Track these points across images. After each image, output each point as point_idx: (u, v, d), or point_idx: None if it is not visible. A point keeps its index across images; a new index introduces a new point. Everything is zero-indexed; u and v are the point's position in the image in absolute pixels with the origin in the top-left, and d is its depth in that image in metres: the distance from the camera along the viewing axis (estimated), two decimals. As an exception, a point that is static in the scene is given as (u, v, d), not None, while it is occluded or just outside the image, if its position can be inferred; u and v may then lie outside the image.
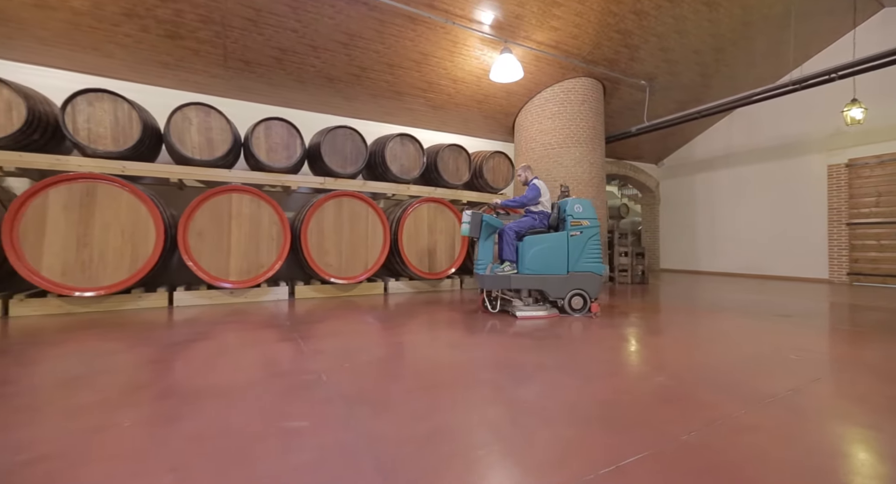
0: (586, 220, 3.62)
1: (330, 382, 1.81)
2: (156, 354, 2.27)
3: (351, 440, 1.27)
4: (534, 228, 3.70)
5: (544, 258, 3.51)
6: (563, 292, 3.51)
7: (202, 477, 1.07)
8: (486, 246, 3.61)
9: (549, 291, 3.50)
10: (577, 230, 3.58)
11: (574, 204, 3.63)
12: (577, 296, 3.54)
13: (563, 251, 3.54)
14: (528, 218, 3.75)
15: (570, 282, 3.51)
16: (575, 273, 3.54)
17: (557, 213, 3.78)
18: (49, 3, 3.75)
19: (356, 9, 4.51)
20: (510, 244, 3.59)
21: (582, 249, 3.58)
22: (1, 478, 1.07)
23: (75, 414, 1.47)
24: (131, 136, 3.69)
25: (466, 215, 3.57)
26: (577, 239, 3.57)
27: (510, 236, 3.61)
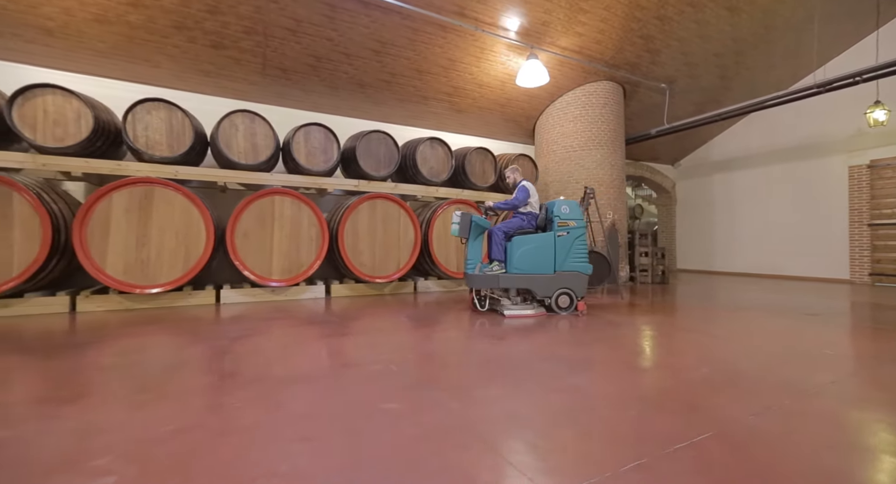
0: (573, 221, 3.70)
1: (400, 372, 1.98)
2: (226, 346, 2.46)
3: (445, 419, 1.43)
4: (522, 229, 3.78)
5: (532, 258, 3.58)
6: (550, 291, 3.57)
7: (334, 444, 1.24)
8: (475, 246, 3.69)
9: (536, 289, 3.57)
10: (564, 231, 3.66)
11: (561, 205, 3.71)
12: (563, 295, 3.60)
13: (550, 251, 3.62)
14: (516, 219, 3.82)
15: (557, 281, 3.59)
16: (562, 272, 3.61)
17: (545, 215, 3.85)
18: (108, 18, 3.99)
19: (390, 18, 4.69)
20: (499, 244, 3.66)
21: (569, 249, 3.65)
22: (159, 444, 1.25)
23: (188, 394, 1.65)
24: (184, 143, 3.91)
25: (456, 216, 3.64)
26: (563, 239, 3.65)
27: (499, 237, 3.68)
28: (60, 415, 1.46)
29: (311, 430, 1.35)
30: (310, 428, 1.36)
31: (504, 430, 1.35)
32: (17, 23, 3.85)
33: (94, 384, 1.79)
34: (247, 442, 1.26)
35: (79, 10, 3.87)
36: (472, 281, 3.55)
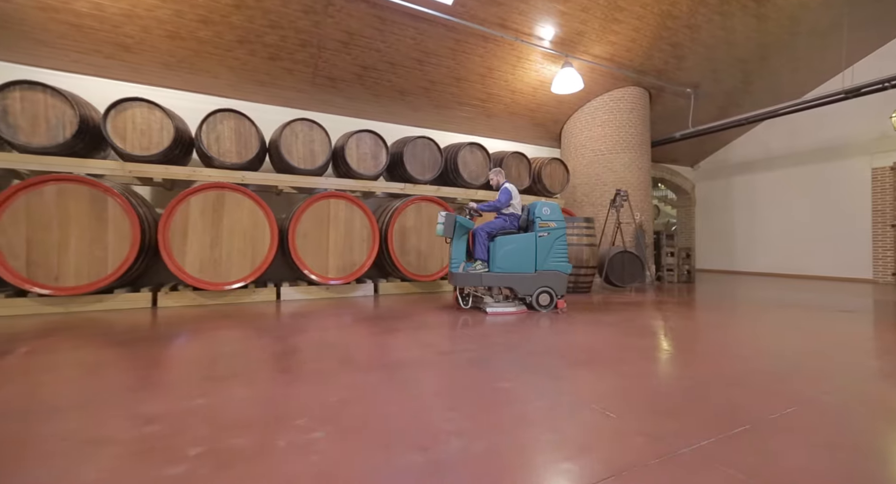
0: (553, 222, 3.82)
1: (494, 359, 2.22)
2: (321, 337, 2.72)
3: (556, 394, 1.67)
4: (504, 230, 3.89)
5: (514, 257, 3.70)
6: (531, 290, 3.70)
7: (476, 413, 1.49)
8: (459, 246, 3.78)
9: (518, 288, 3.69)
10: (545, 231, 3.78)
11: (542, 207, 3.85)
12: (544, 293, 3.72)
13: (531, 251, 3.74)
14: (499, 220, 3.93)
15: (538, 280, 3.71)
16: (542, 271, 3.73)
17: (527, 216, 3.97)
18: (181, 34, 4.28)
19: (436, 30, 4.95)
20: (482, 244, 3.78)
21: (549, 249, 3.78)
22: (336, 410, 1.50)
23: (323, 376, 1.91)
24: (251, 150, 4.19)
25: (441, 217, 3.73)
26: (544, 240, 3.77)
27: (482, 237, 3.80)
28: (231, 389, 1.72)
29: (451, 402, 1.59)
30: (447, 401, 1.61)
31: (613, 404, 1.59)
32: (100, 41, 4.16)
33: (233, 367, 2.05)
34: (405, 410, 1.51)
35: (155, 27, 4.17)
36: (456, 279, 3.67)
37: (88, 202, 3.49)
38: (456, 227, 3.74)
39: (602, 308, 4.01)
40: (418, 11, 4.62)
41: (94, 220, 3.51)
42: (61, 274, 3.41)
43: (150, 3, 3.95)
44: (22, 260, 3.29)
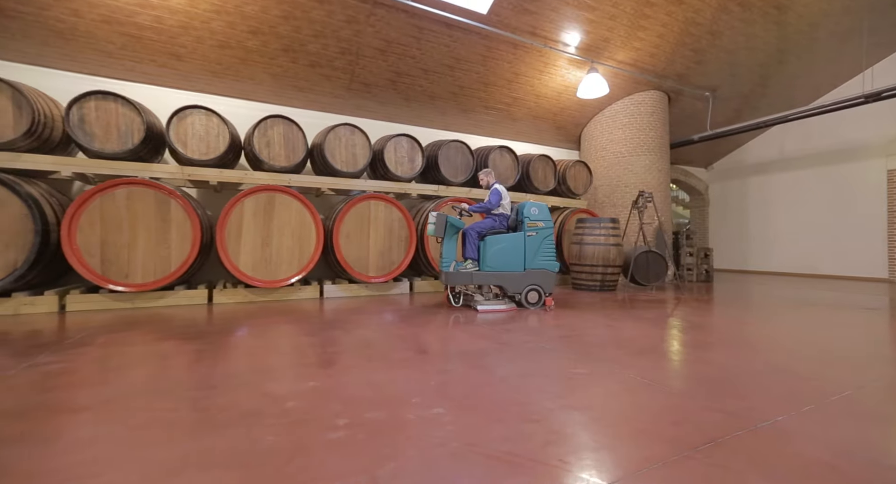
0: (541, 222, 3.92)
1: (556, 349, 2.42)
2: (384, 331, 2.92)
3: (632, 379, 1.87)
4: (494, 229, 3.98)
5: (503, 256, 3.79)
6: (520, 288, 3.80)
7: (567, 393, 1.68)
8: (450, 245, 3.86)
9: (507, 286, 3.79)
10: (534, 231, 3.88)
11: (531, 207, 3.93)
12: (532, 291, 3.83)
13: (520, 250, 3.84)
14: (489, 220, 4.03)
15: (526, 278, 3.82)
16: (531, 270, 3.84)
17: (516, 216, 4.06)
18: (230, 43, 4.50)
19: (469, 37, 5.14)
20: (473, 243, 3.86)
21: (537, 248, 3.88)
22: (437, 393, 1.70)
23: (410, 363, 2.11)
24: (298, 154, 4.41)
25: (432, 217, 3.79)
26: (533, 239, 3.87)
27: (473, 236, 3.88)
28: (334, 375, 1.93)
29: (540, 384, 1.79)
30: (537, 383, 1.81)
31: (680, 385, 1.78)
32: (156, 51, 4.38)
33: (322, 356, 2.26)
34: (502, 391, 1.71)
35: (208, 38, 4.39)
36: (448, 278, 3.75)
37: (154, 204, 3.72)
38: (447, 226, 3.81)
39: (635, 305, 4.19)
40: (454, 20, 4.82)
41: (159, 222, 3.74)
42: (130, 272, 3.64)
43: (205, 15, 4.17)
44: (97, 258, 3.51)
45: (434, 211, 3.79)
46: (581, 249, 5.49)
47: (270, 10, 4.27)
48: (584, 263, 5.45)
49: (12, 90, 3.28)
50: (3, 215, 3.20)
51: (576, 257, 5.58)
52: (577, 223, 5.72)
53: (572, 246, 5.70)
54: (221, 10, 4.17)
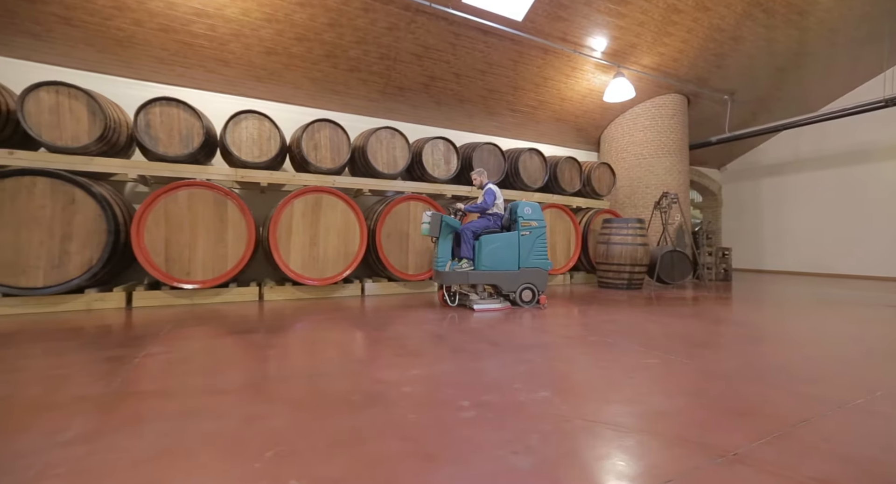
0: (534, 221, 3.97)
1: (617, 343, 2.58)
2: (448, 324, 3.09)
3: (704, 368, 2.04)
4: (488, 229, 4.02)
5: (498, 256, 3.84)
6: (514, 286, 3.86)
7: (653, 380, 1.85)
8: (445, 245, 3.85)
9: (502, 285, 3.84)
10: (527, 230, 3.93)
11: (524, 207, 3.99)
12: (527, 289, 3.88)
13: (514, 249, 3.90)
14: (483, 219, 4.05)
15: (520, 277, 3.87)
16: (525, 269, 3.90)
17: (509, 215, 4.12)
18: (276, 50, 4.67)
19: (503, 43, 5.30)
20: (468, 243, 3.86)
21: (531, 247, 3.93)
22: (532, 378, 1.87)
23: (487, 354, 2.28)
24: (342, 156, 4.58)
25: (426, 216, 3.77)
26: (526, 238, 3.93)
27: (468, 236, 3.88)
28: (430, 364, 2.10)
29: (622, 373, 1.96)
30: (619, 373, 1.98)
31: (752, 373, 1.95)
32: (206, 57, 4.55)
33: (404, 348, 2.43)
34: (590, 378, 1.88)
35: (256, 45, 4.56)
36: (443, 278, 3.75)
37: (213, 205, 3.89)
38: (442, 226, 3.81)
39: (668, 302, 4.36)
40: (490, 27, 4.98)
41: (217, 222, 3.91)
42: (192, 269, 3.81)
43: (256, 23, 4.34)
44: (162, 257, 3.69)
45: (428, 211, 3.81)
46: (608, 249, 5.66)
47: (318, 19, 4.44)
48: (612, 262, 5.61)
49: (87, 97, 3.45)
50: (80, 216, 3.37)
51: (603, 256, 5.74)
52: (604, 223, 5.88)
53: (599, 245, 5.86)
54: (272, 19, 4.33)
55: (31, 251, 3.24)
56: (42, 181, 3.26)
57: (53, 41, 4.04)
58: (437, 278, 3.83)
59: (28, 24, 3.84)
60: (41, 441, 1.24)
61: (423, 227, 3.80)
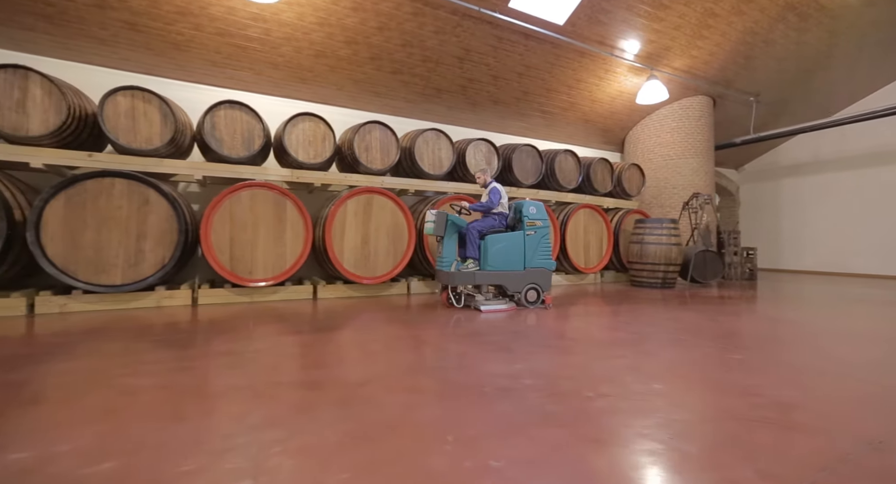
0: (539, 220, 3.93)
1: (691, 340, 2.69)
2: (511, 321, 3.20)
3: (789, 362, 2.15)
4: (494, 228, 3.95)
5: (505, 256, 3.78)
6: (520, 287, 3.80)
7: (749, 374, 1.96)
8: (451, 244, 3.78)
9: (508, 285, 3.77)
10: (532, 230, 3.89)
11: (529, 206, 3.94)
12: (531, 289, 3.84)
13: (520, 249, 3.84)
14: (489, 219, 3.97)
15: (526, 277, 3.82)
16: (530, 269, 3.86)
17: (514, 215, 4.06)
18: (325, 53, 4.77)
19: (542, 47, 5.40)
20: (474, 243, 3.78)
21: (536, 246, 3.89)
22: (636, 372, 1.98)
23: (581, 349, 2.39)
24: (391, 157, 4.69)
25: (431, 215, 3.67)
26: (532, 238, 3.88)
27: (474, 235, 3.80)
28: (525, 358, 2.21)
29: (719, 366, 2.07)
30: (714, 365, 2.09)
31: (830, 365, 2.07)
32: (257, 60, 4.65)
33: (489, 343, 2.54)
34: (693, 372, 2.00)
35: (306, 48, 4.66)
36: (450, 278, 3.67)
37: (273, 205, 4.00)
38: (447, 225, 3.72)
39: (709, 301, 4.46)
40: (532, 30, 5.08)
41: (276, 221, 4.02)
42: (254, 268, 3.92)
43: (308, 27, 4.44)
44: (227, 255, 3.80)
45: (432, 209, 3.65)
46: (642, 249, 5.77)
47: (368, 23, 4.53)
48: (646, 262, 5.73)
49: (160, 101, 3.56)
50: (153, 216, 3.48)
51: (637, 256, 5.85)
52: (637, 223, 5.99)
53: (632, 245, 5.97)
54: (324, 23, 4.43)
55: (111, 250, 3.35)
56: (120, 182, 3.37)
57: (116, 46, 4.14)
58: (441, 279, 3.74)
59: (95, 30, 3.94)
60: (234, 425, 1.35)
61: (427, 226, 3.70)
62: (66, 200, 3.20)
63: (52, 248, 3.15)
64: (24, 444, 1.23)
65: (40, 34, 3.90)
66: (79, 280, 3.23)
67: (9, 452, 1.18)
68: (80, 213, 3.24)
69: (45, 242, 3.12)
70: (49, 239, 3.14)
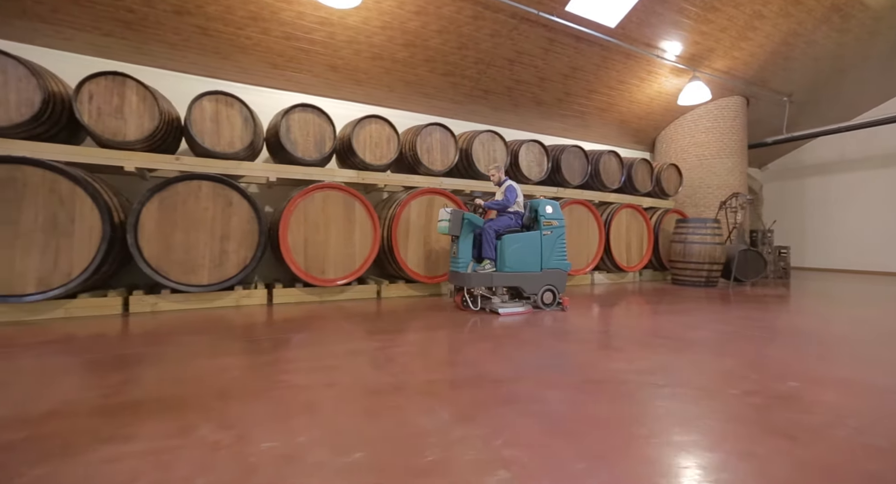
0: (555, 220, 3.82)
1: (770, 337, 2.78)
2: (597, 319, 3.30)
3: (868, 356, 2.24)
4: (510, 228, 3.81)
5: (522, 256, 3.66)
6: (537, 288, 3.68)
7: (846, 366, 2.05)
8: (467, 244, 3.60)
9: (525, 287, 3.65)
10: (549, 230, 3.78)
11: (545, 205, 3.82)
12: (548, 291, 3.72)
13: (537, 249, 3.73)
14: (505, 218, 3.82)
15: (543, 278, 3.70)
16: (547, 270, 3.74)
17: (530, 214, 3.92)
18: (382, 55, 4.84)
19: (591, 49, 5.47)
20: (491, 243, 3.63)
21: (552, 247, 3.78)
22: (756, 367, 2.07)
23: (675, 349, 2.48)
24: (451, 159, 4.77)
25: (445, 213, 3.49)
26: (548, 238, 3.77)
27: (491, 235, 3.64)
28: (639, 358, 2.30)
29: (819, 358, 2.17)
30: (816, 357, 2.18)
31: None
32: (317, 63, 4.73)
33: (592, 341, 2.63)
34: (818, 368, 2.09)
35: (366, 50, 4.73)
36: (467, 280, 3.49)
37: (343, 206, 4.09)
38: (464, 224, 3.55)
39: (761, 299, 4.54)
40: (584, 33, 5.14)
41: (346, 222, 4.11)
42: (326, 268, 4.02)
43: (371, 30, 4.51)
44: (302, 256, 3.89)
45: (447, 207, 3.46)
46: (686, 248, 5.85)
47: (429, 26, 4.60)
48: (690, 261, 5.81)
49: (241, 105, 3.64)
50: (236, 218, 3.58)
51: (679, 255, 5.93)
52: (679, 223, 6.07)
53: (674, 244, 6.05)
54: (387, 27, 4.50)
55: (198, 251, 3.45)
56: (206, 185, 3.46)
57: (187, 50, 4.22)
58: (457, 281, 3.58)
59: (169, 35, 4.02)
60: (434, 420, 1.45)
61: (441, 225, 3.53)
62: (160, 203, 3.29)
63: (148, 249, 3.24)
64: (263, 434, 1.33)
65: (117, 39, 3.98)
66: (171, 280, 3.33)
67: (259, 441, 1.28)
68: (172, 216, 3.34)
69: (142, 244, 3.21)
70: (146, 241, 3.23)
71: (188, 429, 1.36)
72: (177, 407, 1.54)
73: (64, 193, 2.94)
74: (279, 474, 1.11)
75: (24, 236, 2.84)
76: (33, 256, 2.88)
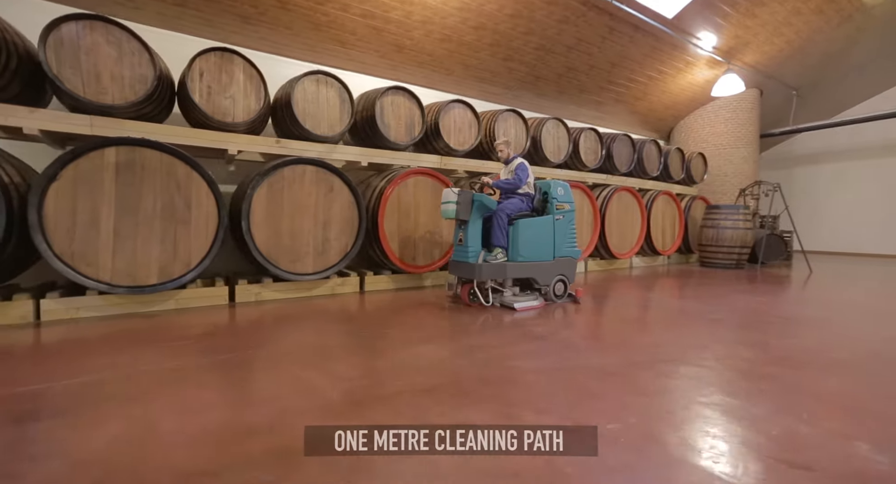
0: (567, 203, 3.48)
1: (838, 319, 3.10)
2: (633, 301, 3.51)
3: None
4: (522, 211, 3.36)
5: (535, 244, 3.26)
6: (549, 279, 3.33)
7: None
8: (476, 230, 3.11)
9: (539, 278, 3.28)
10: (561, 214, 3.43)
11: (557, 187, 3.45)
12: (559, 282, 3.39)
13: (550, 236, 3.36)
14: (516, 200, 3.37)
15: (555, 268, 3.36)
16: (559, 259, 3.39)
17: (541, 196, 3.50)
18: (451, 37, 4.72)
19: (645, 38, 5.58)
20: (503, 229, 3.17)
21: (564, 233, 3.45)
22: (821, 352, 2.33)
23: (717, 327, 2.72)
24: (522, 145, 4.79)
25: (452, 194, 2.98)
26: (560, 223, 3.42)
27: (503, 220, 3.18)
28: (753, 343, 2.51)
29: None
30: None
31: None
32: (385, 42, 4.55)
33: (640, 321, 2.83)
34: None
35: (437, 32, 4.60)
36: (477, 272, 3.00)
37: (431, 192, 4.05)
38: (474, 207, 3.05)
39: (792, 280, 4.96)
40: (643, 21, 5.23)
41: (433, 209, 4.07)
42: (416, 255, 3.99)
43: (448, 10, 4.38)
44: (396, 243, 3.84)
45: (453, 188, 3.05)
46: (718, 233, 6.23)
47: (505, 9, 4.53)
48: (722, 245, 6.20)
49: (340, 86, 3.49)
50: (337, 204, 3.47)
51: (711, 239, 6.32)
52: (710, 209, 6.45)
53: (705, 229, 6.43)
54: (464, 8, 4.39)
55: (303, 238, 3.34)
56: (310, 170, 3.33)
57: (259, 24, 3.95)
58: (463, 272, 3.10)
59: (245, 7, 3.74)
60: (682, 399, 1.56)
61: (447, 209, 3.03)
62: (268, 188, 3.14)
63: (259, 236, 3.11)
64: (580, 416, 1.39)
65: (189, 9, 3.65)
66: (280, 268, 3.22)
67: (604, 423, 1.34)
68: (279, 201, 3.20)
69: (254, 231, 3.07)
70: (256, 228, 3.09)
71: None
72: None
73: (181, 178, 2.76)
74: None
75: (144, 224, 2.65)
76: (153, 244, 2.70)
